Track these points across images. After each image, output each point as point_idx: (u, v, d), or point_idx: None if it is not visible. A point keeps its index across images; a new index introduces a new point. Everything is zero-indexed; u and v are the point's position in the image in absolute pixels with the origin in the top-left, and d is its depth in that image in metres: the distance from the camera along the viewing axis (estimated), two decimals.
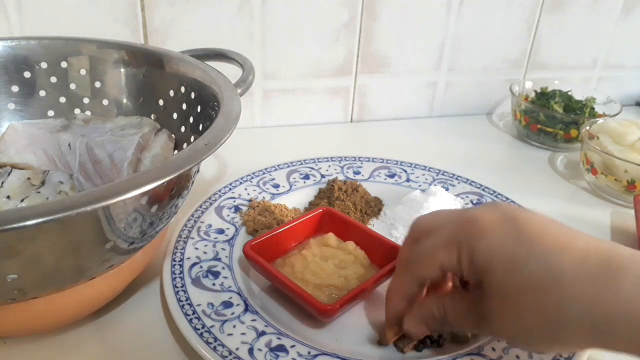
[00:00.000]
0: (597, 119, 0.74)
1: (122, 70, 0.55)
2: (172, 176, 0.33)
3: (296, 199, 0.60)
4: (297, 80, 0.79)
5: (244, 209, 0.56)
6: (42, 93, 0.54)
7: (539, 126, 0.80)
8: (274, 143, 0.77)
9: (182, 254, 0.49)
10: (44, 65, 0.53)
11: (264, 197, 0.59)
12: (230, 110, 0.42)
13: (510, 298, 0.32)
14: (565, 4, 0.86)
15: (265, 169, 0.63)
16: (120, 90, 0.55)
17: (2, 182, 0.45)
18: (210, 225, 0.53)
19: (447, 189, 0.62)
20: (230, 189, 0.59)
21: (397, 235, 0.56)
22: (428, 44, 0.83)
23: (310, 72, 0.79)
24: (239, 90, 0.46)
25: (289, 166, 0.64)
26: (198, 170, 0.46)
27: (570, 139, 0.79)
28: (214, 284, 0.46)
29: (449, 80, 0.87)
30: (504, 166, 0.77)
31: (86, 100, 0.55)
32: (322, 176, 0.64)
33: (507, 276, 0.32)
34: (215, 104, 0.45)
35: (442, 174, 0.65)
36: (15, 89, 0.53)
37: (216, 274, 0.47)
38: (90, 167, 0.51)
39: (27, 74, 0.53)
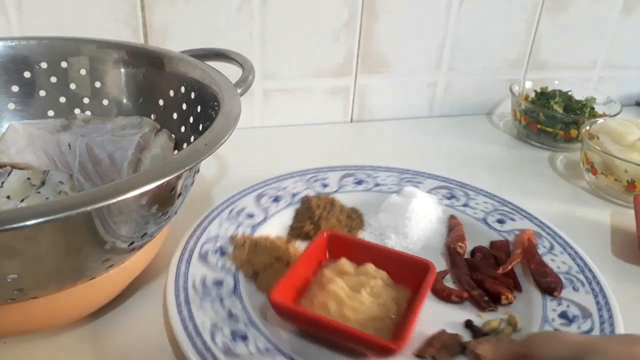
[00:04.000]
0: (597, 119, 0.74)
1: (122, 70, 0.55)
2: (172, 176, 0.33)
3: (276, 225, 0.55)
4: (297, 80, 0.79)
5: (230, 250, 0.50)
6: (42, 93, 0.54)
7: (539, 126, 0.80)
8: (274, 143, 0.77)
9: (193, 321, 0.41)
10: (44, 65, 0.53)
11: (244, 232, 0.52)
12: (230, 110, 0.42)
13: None
14: (566, 4, 0.86)
15: (230, 199, 0.56)
16: (120, 90, 0.55)
17: (2, 182, 0.45)
18: (204, 278, 0.46)
19: (416, 187, 0.60)
20: (203, 231, 0.51)
21: (392, 244, 0.54)
22: (428, 44, 0.83)
23: (310, 72, 0.79)
24: (239, 90, 0.46)
25: (253, 189, 0.58)
26: (198, 171, 0.46)
27: (570, 139, 0.79)
28: (249, 351, 0.39)
29: (449, 80, 0.87)
30: (504, 166, 0.76)
31: (86, 100, 0.55)
32: (293, 195, 0.58)
33: None
34: (215, 104, 0.45)
35: (406, 173, 0.64)
36: (15, 89, 0.53)
37: (244, 337, 0.41)
38: (90, 167, 0.51)
39: (27, 74, 0.53)
